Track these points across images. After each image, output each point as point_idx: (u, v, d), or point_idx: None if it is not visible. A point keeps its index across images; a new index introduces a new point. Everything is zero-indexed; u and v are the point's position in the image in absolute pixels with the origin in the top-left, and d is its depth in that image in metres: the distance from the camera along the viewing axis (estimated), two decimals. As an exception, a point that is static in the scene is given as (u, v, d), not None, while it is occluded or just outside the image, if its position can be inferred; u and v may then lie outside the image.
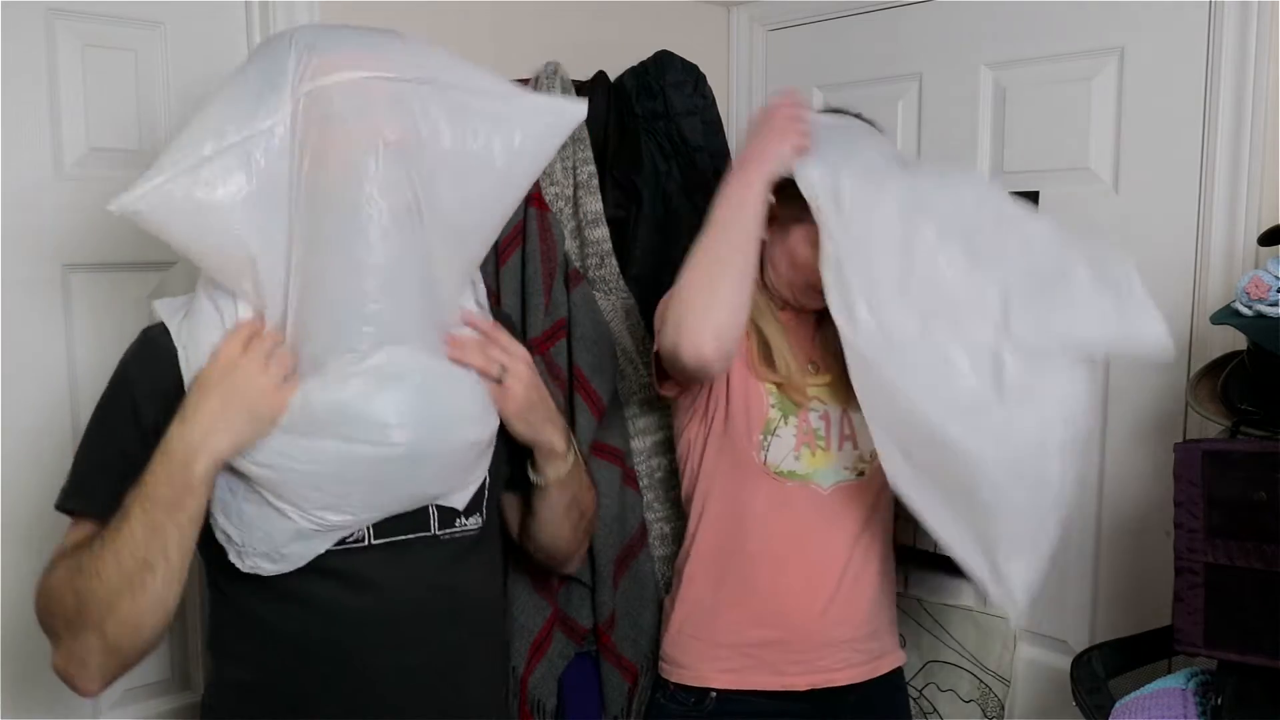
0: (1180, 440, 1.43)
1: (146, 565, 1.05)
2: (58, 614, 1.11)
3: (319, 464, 1.10)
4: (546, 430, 1.29)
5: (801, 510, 1.56)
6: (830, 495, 1.56)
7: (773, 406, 1.55)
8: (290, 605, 1.17)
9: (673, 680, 1.59)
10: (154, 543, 1.05)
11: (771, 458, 1.55)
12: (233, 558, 1.14)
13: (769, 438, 1.55)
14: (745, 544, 1.57)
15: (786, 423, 1.55)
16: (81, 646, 1.09)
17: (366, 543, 1.17)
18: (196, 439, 1.06)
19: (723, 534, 1.59)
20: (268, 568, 1.14)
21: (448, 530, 1.23)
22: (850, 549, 1.58)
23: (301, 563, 1.15)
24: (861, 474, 1.57)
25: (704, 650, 1.58)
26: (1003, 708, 1.90)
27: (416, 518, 1.20)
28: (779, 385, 1.56)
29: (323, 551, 1.15)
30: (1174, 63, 1.67)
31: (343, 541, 1.16)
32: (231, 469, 1.10)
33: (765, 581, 1.56)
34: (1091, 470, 1.81)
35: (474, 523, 1.25)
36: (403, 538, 1.19)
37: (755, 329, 1.56)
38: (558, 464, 1.31)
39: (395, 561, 1.19)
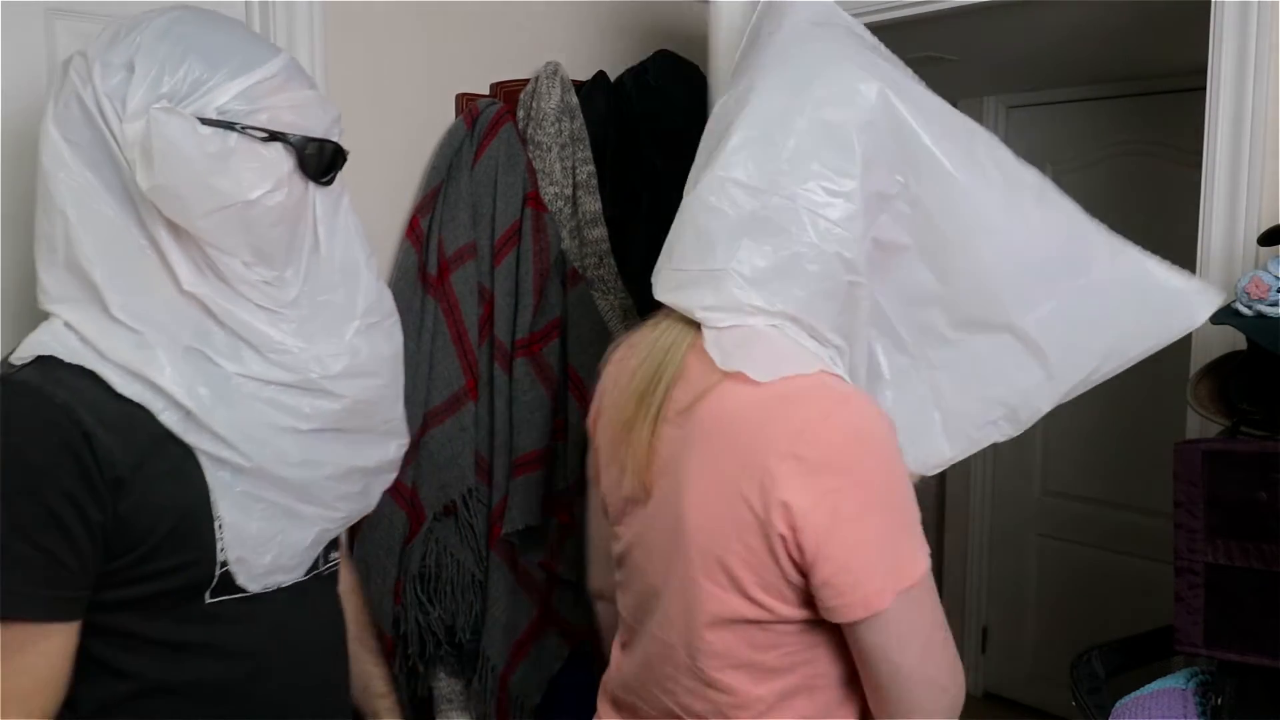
0: (1180, 440, 1.42)
1: None
2: None
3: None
4: None
5: None
6: None
7: None
8: (194, 656, 1.13)
9: None
10: None
11: None
12: (242, 580, 1.13)
13: None
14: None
15: None
16: None
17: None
18: None
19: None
20: (283, 579, 1.17)
21: (327, 565, 1.27)
22: None
23: (308, 564, 1.20)
24: None
25: None
26: (1003, 708, 1.90)
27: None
28: None
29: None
30: (1174, 63, 1.67)
31: None
32: (253, 483, 1.11)
33: None
34: (1092, 470, 1.81)
35: (335, 556, 1.29)
36: (302, 578, 1.21)
37: None
38: None
39: (297, 602, 1.21)
